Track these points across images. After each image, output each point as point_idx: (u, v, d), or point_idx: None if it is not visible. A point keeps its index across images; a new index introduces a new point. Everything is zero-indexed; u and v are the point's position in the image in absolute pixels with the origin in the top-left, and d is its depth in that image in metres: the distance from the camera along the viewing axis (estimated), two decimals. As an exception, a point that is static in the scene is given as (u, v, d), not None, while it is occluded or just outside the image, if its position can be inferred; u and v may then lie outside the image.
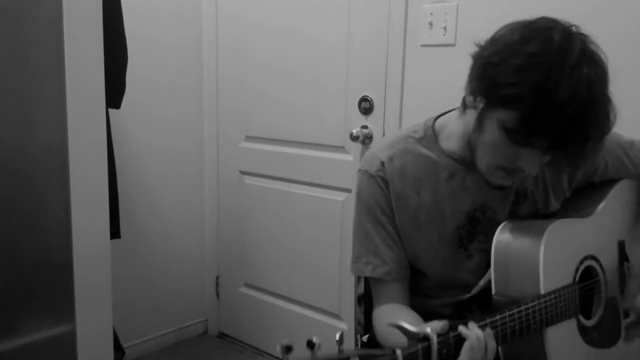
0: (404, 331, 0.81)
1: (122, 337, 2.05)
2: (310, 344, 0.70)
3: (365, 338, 1.29)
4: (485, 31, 1.67)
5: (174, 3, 2.34)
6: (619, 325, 1.13)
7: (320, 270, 2.20)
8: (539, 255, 0.97)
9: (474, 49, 0.99)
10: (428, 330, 0.79)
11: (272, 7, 2.21)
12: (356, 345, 1.34)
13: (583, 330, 1.04)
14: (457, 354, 0.82)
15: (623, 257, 1.16)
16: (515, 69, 0.87)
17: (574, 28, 0.91)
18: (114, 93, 1.83)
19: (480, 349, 0.83)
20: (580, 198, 1.15)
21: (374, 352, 0.73)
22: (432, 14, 1.76)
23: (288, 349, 0.68)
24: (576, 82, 0.85)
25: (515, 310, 0.90)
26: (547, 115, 0.85)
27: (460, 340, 0.83)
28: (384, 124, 1.94)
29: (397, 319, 0.84)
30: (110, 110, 1.80)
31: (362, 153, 2.01)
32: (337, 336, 0.73)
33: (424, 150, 1.08)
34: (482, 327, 0.86)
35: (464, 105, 1.03)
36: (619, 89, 1.48)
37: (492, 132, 0.93)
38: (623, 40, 1.45)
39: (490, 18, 1.66)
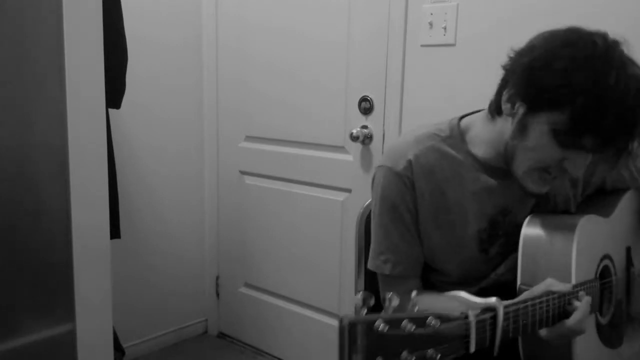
0: (464, 301, 0.81)
1: (122, 337, 2.05)
2: (387, 300, 0.70)
3: None
4: (485, 31, 1.68)
5: (174, 3, 2.34)
6: (622, 325, 1.14)
7: (320, 270, 2.20)
8: (572, 247, 0.98)
9: (503, 57, 1.00)
10: (494, 300, 0.79)
11: (272, 7, 2.21)
12: None
13: (598, 328, 1.05)
14: (515, 330, 0.82)
15: (629, 262, 1.17)
16: (563, 71, 0.88)
17: (608, 34, 0.93)
18: (114, 93, 1.83)
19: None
20: (595, 201, 1.16)
21: (449, 314, 0.72)
22: (432, 14, 1.76)
23: (365, 301, 0.68)
24: (625, 82, 0.87)
25: (557, 294, 0.90)
26: (598, 115, 0.87)
27: (517, 316, 0.83)
28: (384, 124, 1.94)
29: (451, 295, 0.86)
30: (110, 110, 1.80)
31: (362, 153, 2.01)
32: (413, 294, 0.75)
33: (450, 150, 1.08)
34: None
35: (494, 113, 1.03)
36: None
37: (537, 136, 0.94)
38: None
39: (490, 18, 1.66)
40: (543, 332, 0.90)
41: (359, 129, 1.97)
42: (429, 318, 0.70)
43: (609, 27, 1.46)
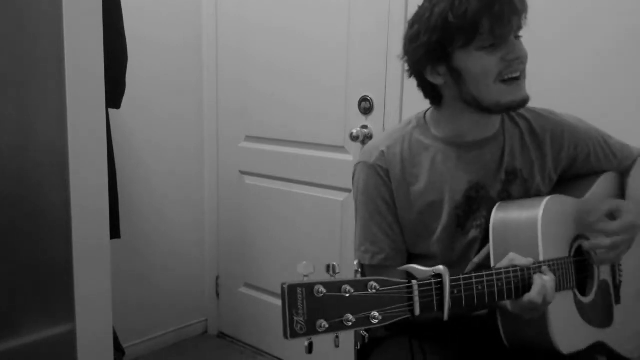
0: (416, 271, 0.84)
1: (122, 337, 2.05)
2: (330, 268, 0.75)
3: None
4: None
5: (174, 3, 2.34)
6: (611, 307, 1.15)
7: (321, 270, 2.19)
8: (538, 225, 1.01)
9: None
10: (441, 267, 0.83)
11: (272, 7, 2.20)
12: (356, 346, 1.34)
13: (580, 306, 1.07)
14: (469, 298, 0.86)
15: None
16: (427, 19, 1.02)
17: None
18: (114, 93, 1.83)
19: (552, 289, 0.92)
20: (569, 185, 1.18)
21: (389, 279, 0.76)
22: (432, 14, 1.76)
23: (314, 268, 0.74)
24: None
25: (518, 267, 0.93)
26: (469, 5, 0.97)
27: (470, 285, 0.87)
28: (384, 124, 1.94)
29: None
30: (110, 110, 1.80)
31: (362, 153, 2.01)
32: (356, 264, 0.79)
33: (419, 137, 1.15)
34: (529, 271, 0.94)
35: (436, 103, 1.12)
36: (615, 89, 1.49)
37: (467, 65, 1.02)
38: (622, 40, 1.45)
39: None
40: (507, 304, 0.94)
41: (359, 129, 1.97)
42: (370, 282, 0.74)
43: (608, 27, 1.47)
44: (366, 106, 1.98)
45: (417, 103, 1.86)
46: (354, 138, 1.97)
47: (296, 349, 2.31)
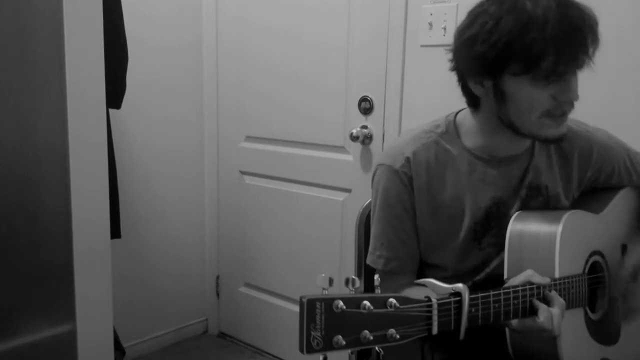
0: (434, 287, 0.82)
1: (122, 337, 2.05)
2: (349, 282, 0.73)
3: None
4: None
5: (174, 4, 2.34)
6: (618, 324, 1.14)
7: (320, 270, 2.20)
8: (556, 241, 0.99)
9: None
10: (460, 285, 0.81)
11: (272, 8, 2.21)
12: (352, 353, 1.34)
13: (589, 323, 1.06)
14: (485, 316, 0.84)
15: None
16: (489, 29, 0.94)
17: None
18: (115, 93, 1.83)
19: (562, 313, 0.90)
20: (588, 198, 1.17)
21: (409, 297, 0.75)
22: (431, 14, 1.77)
23: (331, 281, 0.73)
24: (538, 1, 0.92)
25: (535, 286, 0.91)
26: (534, 38, 0.90)
27: (487, 304, 0.84)
28: (383, 124, 1.94)
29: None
30: (111, 110, 1.80)
31: (362, 153, 2.01)
32: (376, 280, 0.76)
33: (446, 145, 1.11)
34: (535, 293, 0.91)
35: (472, 106, 1.07)
36: (615, 90, 1.49)
37: (517, 91, 0.97)
38: (625, 40, 1.46)
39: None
40: (514, 322, 0.91)
41: (358, 129, 1.97)
42: (389, 299, 0.72)
43: (606, 28, 1.47)
44: (366, 106, 1.98)
45: (417, 103, 1.87)
46: (354, 138, 1.97)
47: (296, 349, 2.31)
